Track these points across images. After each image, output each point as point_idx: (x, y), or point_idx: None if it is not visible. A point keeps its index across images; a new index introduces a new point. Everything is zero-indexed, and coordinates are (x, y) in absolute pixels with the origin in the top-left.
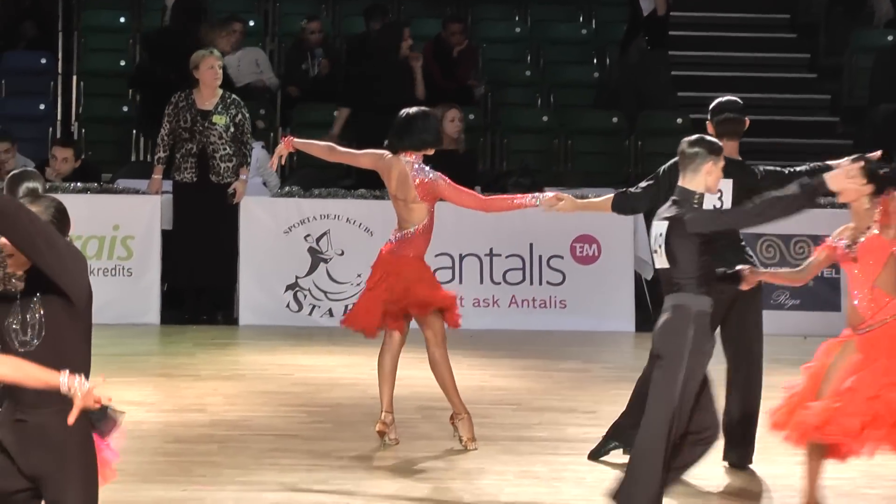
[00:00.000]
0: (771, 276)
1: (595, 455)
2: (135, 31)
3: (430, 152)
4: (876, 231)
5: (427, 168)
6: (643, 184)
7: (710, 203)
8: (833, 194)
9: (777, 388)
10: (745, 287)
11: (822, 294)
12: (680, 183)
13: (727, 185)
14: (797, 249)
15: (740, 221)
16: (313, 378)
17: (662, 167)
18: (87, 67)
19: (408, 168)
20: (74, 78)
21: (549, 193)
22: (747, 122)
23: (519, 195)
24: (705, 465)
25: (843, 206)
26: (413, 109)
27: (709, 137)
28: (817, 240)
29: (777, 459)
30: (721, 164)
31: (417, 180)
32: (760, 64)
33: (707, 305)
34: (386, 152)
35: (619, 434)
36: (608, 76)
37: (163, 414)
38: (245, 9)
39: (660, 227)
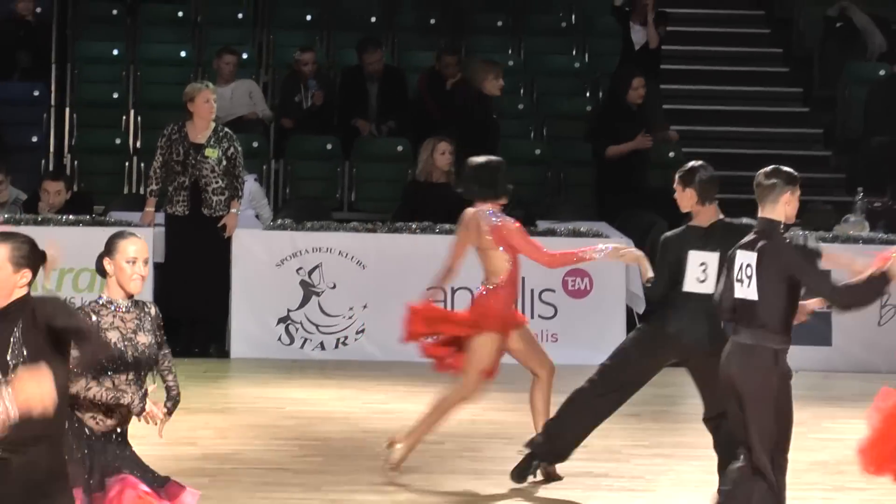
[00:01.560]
0: None
1: (520, 475)
2: (129, 62)
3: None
4: None
5: (500, 214)
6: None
7: (693, 275)
8: None
9: None
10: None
11: (815, 329)
12: (760, 214)
13: (713, 259)
14: None
15: (829, 292)
16: (305, 411)
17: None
18: (81, 98)
19: (479, 215)
20: (67, 109)
21: (611, 245)
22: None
23: (582, 248)
24: None
25: None
26: (489, 159)
27: (785, 168)
28: None
29: None
30: (798, 192)
31: (488, 226)
32: (753, 97)
33: (788, 346)
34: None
35: (540, 450)
36: (601, 108)
37: (153, 447)
38: (239, 40)
39: (746, 257)
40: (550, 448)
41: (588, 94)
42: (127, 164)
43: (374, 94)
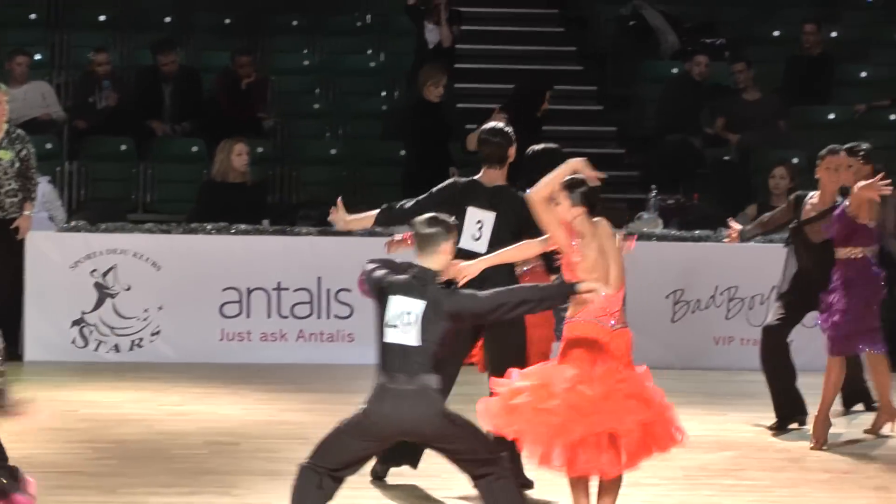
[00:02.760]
0: None
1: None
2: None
3: None
4: None
5: None
6: (416, 199)
7: (469, 233)
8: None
9: None
10: None
11: None
12: (421, 262)
13: (489, 218)
14: None
15: (486, 308)
16: (100, 414)
17: (448, 182)
18: None
19: None
20: None
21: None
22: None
23: None
24: None
25: None
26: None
27: (440, 216)
28: None
29: None
30: (455, 239)
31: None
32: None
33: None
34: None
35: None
36: (397, 107)
37: None
38: (32, 41)
39: (411, 305)
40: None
41: (384, 94)
42: None
43: (169, 95)
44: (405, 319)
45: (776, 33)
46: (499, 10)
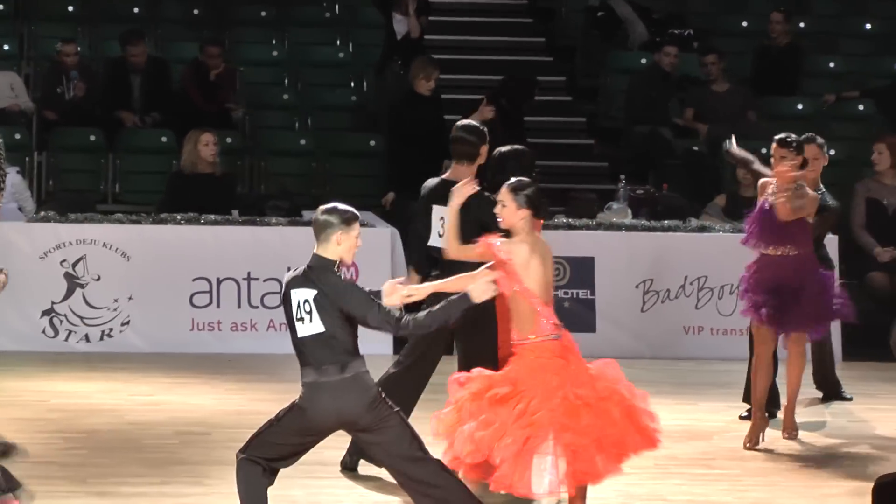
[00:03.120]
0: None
1: (348, 467)
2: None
3: None
4: None
5: None
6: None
7: (435, 230)
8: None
9: None
10: None
11: (579, 315)
12: (316, 251)
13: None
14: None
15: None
16: (70, 404)
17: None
18: None
19: None
20: None
21: None
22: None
23: None
24: None
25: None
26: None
27: (342, 206)
28: (573, 261)
29: None
30: (354, 232)
31: None
32: None
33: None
34: None
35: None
36: (366, 99)
37: None
38: (0, 32)
39: (305, 294)
40: None
41: (353, 85)
42: None
43: (137, 86)
44: (305, 308)
45: (745, 24)
46: (468, 1)
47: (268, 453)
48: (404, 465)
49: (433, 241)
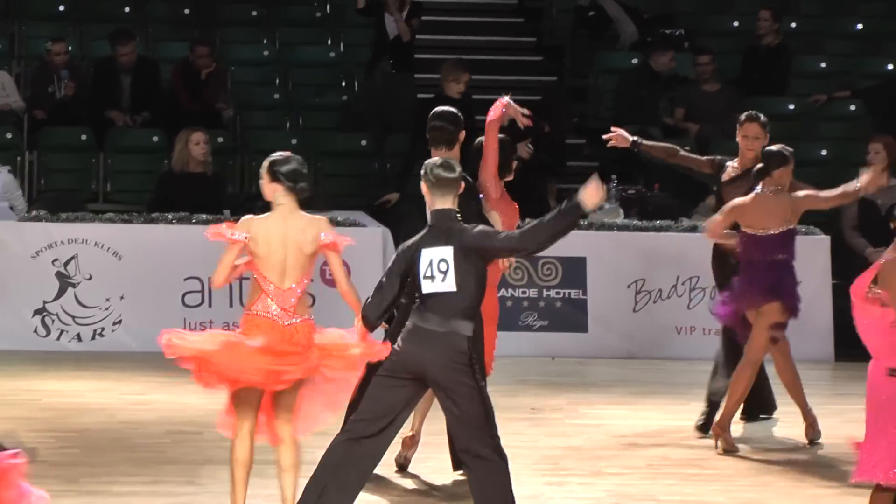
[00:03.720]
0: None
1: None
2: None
3: None
4: None
5: None
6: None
7: None
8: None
9: (523, 408)
10: None
11: (570, 316)
12: (436, 207)
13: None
14: (545, 271)
15: (509, 246)
16: (62, 403)
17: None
18: None
19: None
20: None
21: None
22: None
23: None
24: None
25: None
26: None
27: (446, 160)
28: (565, 261)
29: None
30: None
31: None
32: (506, 86)
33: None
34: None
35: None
36: (355, 99)
37: None
38: None
39: (442, 252)
40: None
41: (343, 85)
42: None
43: (127, 86)
44: (441, 267)
45: (735, 24)
46: (458, 1)
47: (366, 413)
48: (464, 441)
49: None
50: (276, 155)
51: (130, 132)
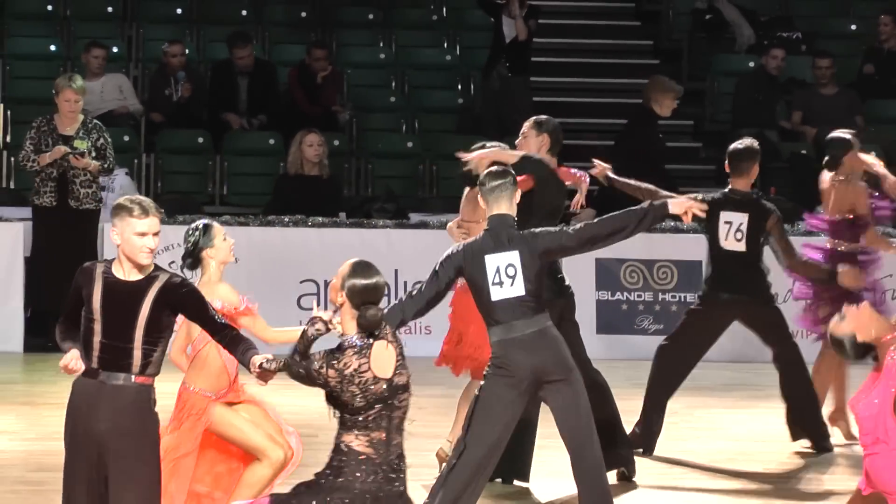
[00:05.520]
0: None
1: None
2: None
3: None
4: None
5: None
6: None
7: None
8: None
9: (639, 412)
10: None
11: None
12: (495, 212)
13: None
14: (660, 274)
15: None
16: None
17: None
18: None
19: None
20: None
21: None
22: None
23: None
24: None
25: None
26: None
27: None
28: (680, 265)
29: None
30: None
31: None
32: (623, 89)
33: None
34: None
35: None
36: (472, 102)
37: (25, 443)
38: (108, 35)
39: (508, 258)
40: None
41: (460, 88)
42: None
43: (244, 89)
44: (508, 272)
45: (853, 27)
46: (575, 4)
47: (480, 440)
48: (574, 433)
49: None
50: None
51: (247, 135)
